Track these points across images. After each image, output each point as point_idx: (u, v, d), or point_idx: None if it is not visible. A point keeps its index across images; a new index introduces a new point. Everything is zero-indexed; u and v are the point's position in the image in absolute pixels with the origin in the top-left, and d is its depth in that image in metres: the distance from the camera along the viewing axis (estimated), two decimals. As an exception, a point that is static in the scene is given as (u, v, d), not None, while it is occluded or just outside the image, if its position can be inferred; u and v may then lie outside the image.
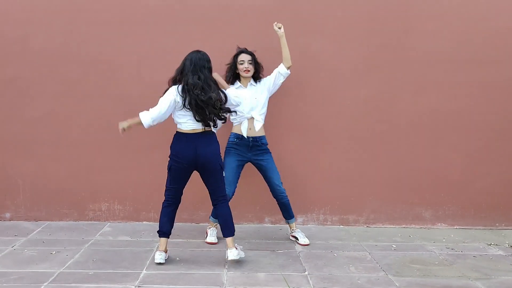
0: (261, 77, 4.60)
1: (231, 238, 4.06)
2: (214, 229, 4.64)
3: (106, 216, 5.15)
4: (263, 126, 4.55)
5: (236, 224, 4.19)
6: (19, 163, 5.07)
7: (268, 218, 5.17)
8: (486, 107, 5.06)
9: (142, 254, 4.26)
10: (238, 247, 4.08)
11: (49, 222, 5.11)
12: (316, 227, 5.08)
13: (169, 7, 4.93)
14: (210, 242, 4.56)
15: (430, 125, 5.07)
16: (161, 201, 4.11)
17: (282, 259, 4.18)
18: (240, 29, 4.91)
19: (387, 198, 5.15)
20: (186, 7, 4.93)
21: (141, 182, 5.09)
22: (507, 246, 4.66)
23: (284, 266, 4.04)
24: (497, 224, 5.19)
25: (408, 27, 4.98)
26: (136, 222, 5.14)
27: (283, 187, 4.55)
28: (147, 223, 5.12)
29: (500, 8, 4.99)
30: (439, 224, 5.19)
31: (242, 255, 4.06)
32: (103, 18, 4.93)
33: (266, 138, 4.58)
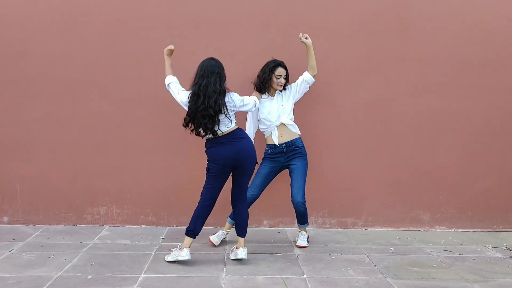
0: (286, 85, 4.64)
1: (244, 238, 4.22)
2: (224, 233, 4.65)
3: (104, 219, 5.14)
4: (297, 126, 4.55)
5: (235, 226, 4.22)
6: (17, 167, 5.05)
7: (266, 221, 5.17)
8: (486, 109, 5.08)
9: (141, 257, 4.25)
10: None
11: (47, 226, 5.09)
12: (314, 230, 5.08)
13: (169, 8, 4.93)
14: (212, 241, 4.57)
15: (428, 126, 5.08)
16: (159, 204, 4.11)
17: (280, 262, 4.19)
18: (240, 29, 4.92)
19: (385, 200, 5.16)
20: (186, 8, 4.93)
21: (139, 186, 5.08)
22: (505, 248, 4.67)
23: (282, 269, 4.04)
24: (495, 226, 5.20)
25: (407, 28, 4.98)
26: (134, 226, 5.13)
27: (304, 198, 4.47)
28: (146, 227, 5.11)
29: (498, 9, 5.00)
30: (437, 226, 5.20)
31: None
32: (103, 19, 4.93)
33: (301, 140, 4.56)
